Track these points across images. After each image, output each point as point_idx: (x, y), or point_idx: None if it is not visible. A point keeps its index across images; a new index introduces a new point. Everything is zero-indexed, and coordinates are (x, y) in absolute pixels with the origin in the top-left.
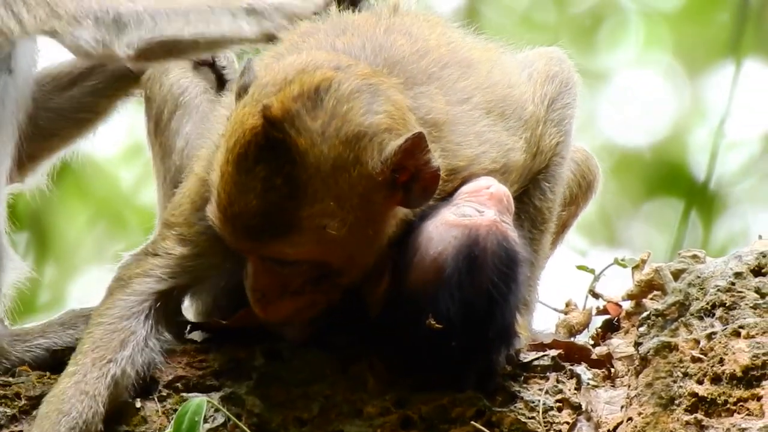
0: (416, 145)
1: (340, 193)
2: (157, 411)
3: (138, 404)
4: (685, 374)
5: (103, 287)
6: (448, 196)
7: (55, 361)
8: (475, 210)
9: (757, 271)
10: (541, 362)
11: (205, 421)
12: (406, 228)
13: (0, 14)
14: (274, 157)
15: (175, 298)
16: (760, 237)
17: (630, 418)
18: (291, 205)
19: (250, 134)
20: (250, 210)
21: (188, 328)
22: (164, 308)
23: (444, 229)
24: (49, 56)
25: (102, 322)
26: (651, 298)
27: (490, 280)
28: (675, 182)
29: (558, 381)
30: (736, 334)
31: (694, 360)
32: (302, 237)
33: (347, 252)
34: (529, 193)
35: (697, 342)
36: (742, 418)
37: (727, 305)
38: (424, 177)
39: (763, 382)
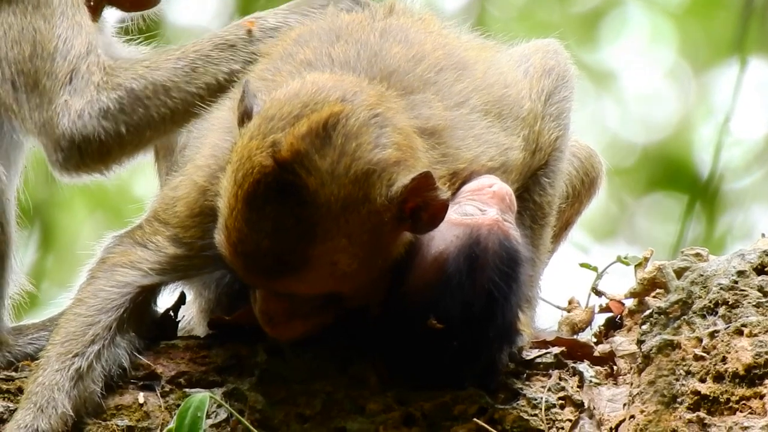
0: (422, 184)
1: (351, 230)
2: (160, 406)
3: (141, 399)
4: (688, 372)
5: None
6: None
7: None
8: (477, 209)
9: (760, 270)
10: (544, 360)
11: (208, 416)
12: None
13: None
14: (285, 198)
15: (156, 294)
16: (763, 235)
17: (632, 416)
18: (302, 244)
19: (260, 173)
20: (262, 249)
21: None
22: (142, 303)
23: (446, 228)
24: None
25: (80, 313)
26: (654, 296)
27: (491, 280)
28: (679, 179)
29: (560, 378)
30: (739, 332)
31: (697, 358)
32: (313, 273)
33: (357, 281)
34: (529, 189)
35: (700, 340)
36: (744, 416)
37: (729, 303)
38: (432, 207)
39: (766, 381)
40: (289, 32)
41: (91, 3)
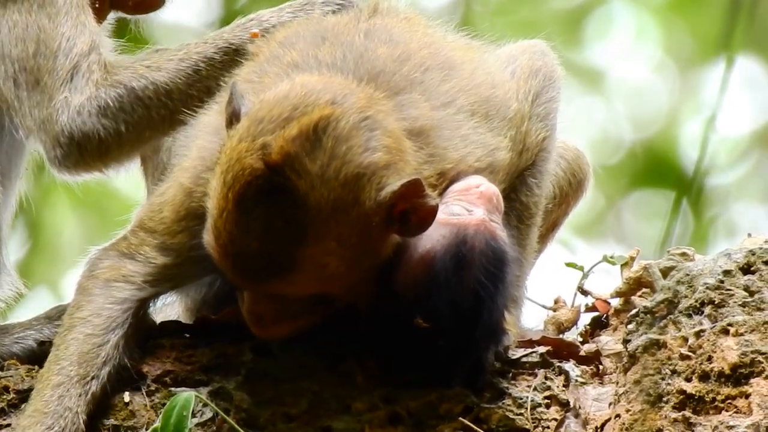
0: (411, 191)
1: (340, 233)
2: (146, 405)
3: (126, 399)
4: (674, 372)
5: None
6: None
7: (43, 353)
8: (464, 209)
9: (746, 269)
10: (530, 359)
11: (193, 415)
12: None
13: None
14: (275, 201)
15: (151, 303)
16: (749, 235)
17: (618, 415)
18: (292, 246)
19: (250, 175)
20: (251, 251)
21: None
22: (140, 315)
23: (433, 227)
24: None
25: (89, 333)
26: (640, 296)
27: (477, 280)
28: (666, 176)
29: (546, 378)
30: (725, 331)
31: (683, 357)
32: (303, 275)
33: (346, 282)
34: (515, 189)
35: (686, 339)
36: (730, 415)
37: (715, 303)
38: (421, 211)
39: (752, 380)
40: (274, 34)
41: (97, 5)
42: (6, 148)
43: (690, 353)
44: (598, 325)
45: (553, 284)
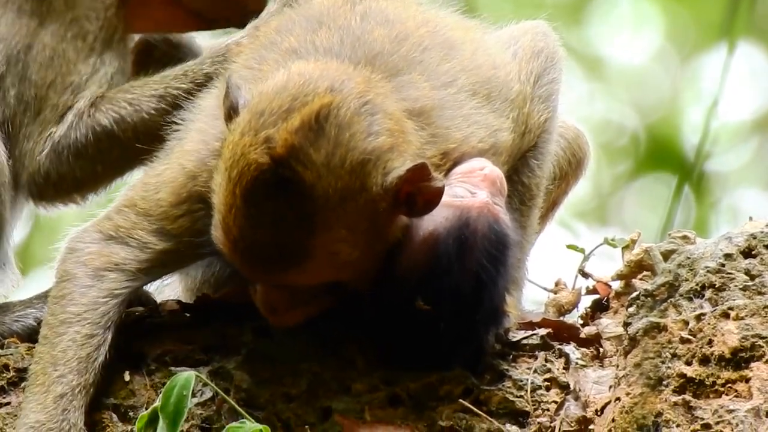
0: (417, 174)
1: (349, 220)
2: (145, 384)
3: (126, 378)
4: (674, 355)
5: None
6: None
7: None
8: (468, 191)
9: (747, 253)
10: (530, 341)
11: (193, 395)
12: None
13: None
14: (283, 194)
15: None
16: (750, 218)
17: (618, 398)
18: (302, 237)
19: (256, 170)
20: (262, 244)
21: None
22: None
23: (436, 209)
24: None
25: (85, 333)
26: (640, 279)
27: (479, 263)
28: (667, 162)
29: (546, 360)
30: (726, 315)
31: (683, 341)
32: (314, 265)
33: (358, 268)
34: (517, 170)
35: (686, 323)
36: (730, 399)
37: (716, 286)
38: (427, 193)
39: (752, 364)
40: (269, 22)
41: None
42: None
43: (690, 337)
44: (599, 307)
45: (554, 267)
